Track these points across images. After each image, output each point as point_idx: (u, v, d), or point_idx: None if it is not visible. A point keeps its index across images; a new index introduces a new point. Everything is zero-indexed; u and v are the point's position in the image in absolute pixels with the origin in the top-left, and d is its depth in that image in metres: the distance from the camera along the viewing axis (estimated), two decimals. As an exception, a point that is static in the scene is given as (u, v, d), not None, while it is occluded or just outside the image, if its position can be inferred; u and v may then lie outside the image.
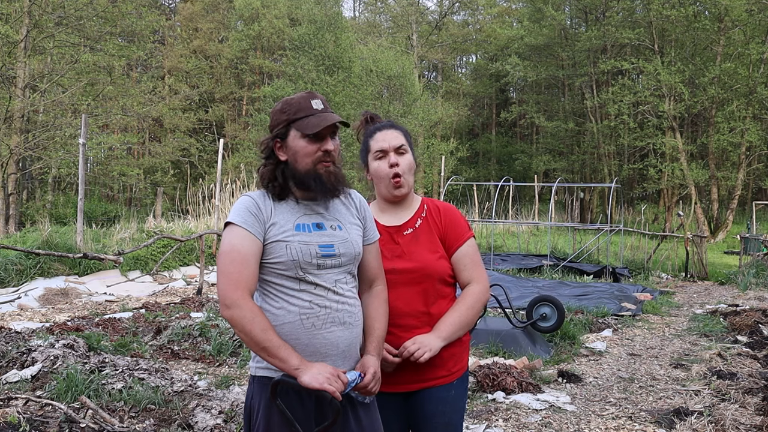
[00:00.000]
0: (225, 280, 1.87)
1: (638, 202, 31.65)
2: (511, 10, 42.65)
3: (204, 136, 33.67)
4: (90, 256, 8.31)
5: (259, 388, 1.95)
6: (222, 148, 14.13)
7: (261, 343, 1.83)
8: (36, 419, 3.72)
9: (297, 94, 2.02)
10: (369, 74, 26.71)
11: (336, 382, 1.82)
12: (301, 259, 1.92)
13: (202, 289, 9.38)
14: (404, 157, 2.21)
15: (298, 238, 1.94)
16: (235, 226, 1.92)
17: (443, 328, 2.15)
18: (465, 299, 2.21)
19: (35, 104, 18.67)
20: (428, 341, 2.10)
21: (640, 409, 4.70)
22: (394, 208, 2.29)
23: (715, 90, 25.74)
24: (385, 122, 2.29)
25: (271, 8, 32.75)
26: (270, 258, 1.93)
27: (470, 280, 2.25)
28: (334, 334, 1.95)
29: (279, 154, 1.99)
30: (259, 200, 1.97)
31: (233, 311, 1.84)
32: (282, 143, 1.99)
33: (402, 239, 2.23)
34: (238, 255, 1.88)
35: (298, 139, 1.96)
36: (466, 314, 2.19)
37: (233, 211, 1.95)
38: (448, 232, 2.26)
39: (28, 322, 7.07)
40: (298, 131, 1.95)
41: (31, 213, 21.03)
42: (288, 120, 1.97)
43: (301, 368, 1.82)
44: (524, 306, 7.15)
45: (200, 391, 4.36)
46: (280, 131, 1.98)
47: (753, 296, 10.74)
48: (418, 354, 2.08)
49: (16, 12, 18.29)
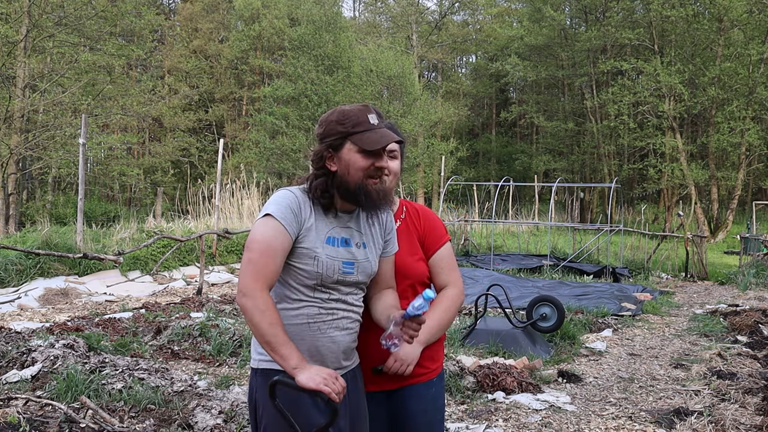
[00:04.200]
0: (249, 269, 1.90)
1: (638, 202, 31.64)
2: (510, 10, 42.63)
3: (204, 136, 33.65)
4: (90, 256, 8.30)
5: (262, 380, 1.98)
6: (222, 148, 14.13)
7: (266, 337, 1.87)
8: (36, 419, 3.72)
9: (353, 106, 2.02)
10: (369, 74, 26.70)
11: (333, 384, 1.83)
12: (325, 273, 1.96)
13: (202, 289, 9.38)
14: (394, 162, 2.23)
15: (327, 252, 1.97)
16: (273, 219, 1.92)
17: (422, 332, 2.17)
18: (442, 303, 2.27)
19: (35, 104, 18.65)
20: (408, 354, 2.17)
21: (640, 409, 4.70)
22: None
23: (715, 90, 25.73)
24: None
25: (271, 8, 32.72)
26: (296, 262, 1.96)
27: (447, 283, 2.30)
28: (336, 337, 2.01)
29: (329, 164, 1.99)
30: (301, 200, 1.98)
31: (247, 300, 1.87)
32: (334, 154, 1.98)
33: None
34: (268, 248, 1.90)
35: (353, 153, 1.96)
36: (443, 317, 2.25)
37: (275, 203, 1.96)
38: (427, 235, 2.31)
39: (28, 322, 7.07)
40: (354, 145, 1.95)
41: (31, 213, 21.01)
42: (346, 133, 1.95)
43: (299, 368, 1.84)
44: (524, 306, 7.15)
45: (200, 391, 4.35)
46: (334, 142, 1.97)
47: (753, 296, 10.74)
48: (402, 369, 2.16)
49: (16, 12, 18.28)
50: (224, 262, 12.72)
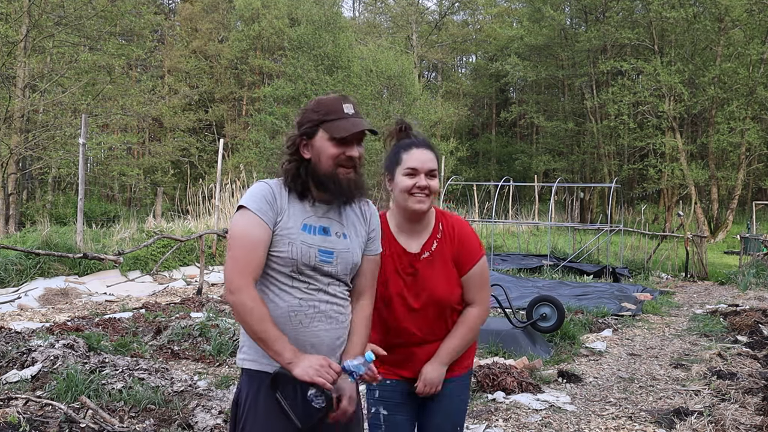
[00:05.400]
0: (233, 265, 1.90)
1: (638, 202, 31.63)
2: (510, 10, 42.62)
3: (204, 136, 33.63)
4: (90, 256, 8.30)
5: (247, 379, 1.98)
6: (222, 148, 14.13)
7: (257, 333, 1.87)
8: (36, 419, 3.72)
9: (330, 96, 2.02)
10: (369, 74, 26.70)
11: (327, 373, 1.84)
12: (300, 259, 1.95)
13: (202, 289, 9.38)
14: (434, 182, 2.24)
15: (302, 239, 1.96)
16: (249, 212, 1.93)
17: (444, 354, 2.29)
18: (467, 321, 2.32)
19: (35, 104, 18.64)
20: (432, 377, 2.28)
21: (640, 409, 4.70)
22: (411, 226, 2.32)
23: (715, 90, 25.72)
24: (422, 140, 2.30)
25: (271, 8, 32.71)
26: (272, 250, 1.95)
27: (473, 301, 2.33)
28: (320, 330, 1.98)
29: (303, 151, 2.00)
30: (276, 190, 1.98)
31: (236, 297, 1.87)
32: (308, 142, 1.99)
33: (419, 264, 2.29)
34: (248, 241, 1.90)
35: (324, 141, 1.96)
36: (466, 337, 2.32)
37: (249, 196, 1.96)
38: (461, 253, 2.31)
39: (28, 322, 7.06)
40: (326, 132, 1.96)
41: (31, 213, 21.01)
42: (318, 120, 1.97)
43: (294, 361, 1.85)
44: (524, 306, 7.15)
45: (200, 391, 4.36)
46: (308, 129, 1.98)
47: (753, 296, 10.75)
48: (430, 392, 2.29)
49: (16, 12, 18.27)
50: (224, 262, 12.71)
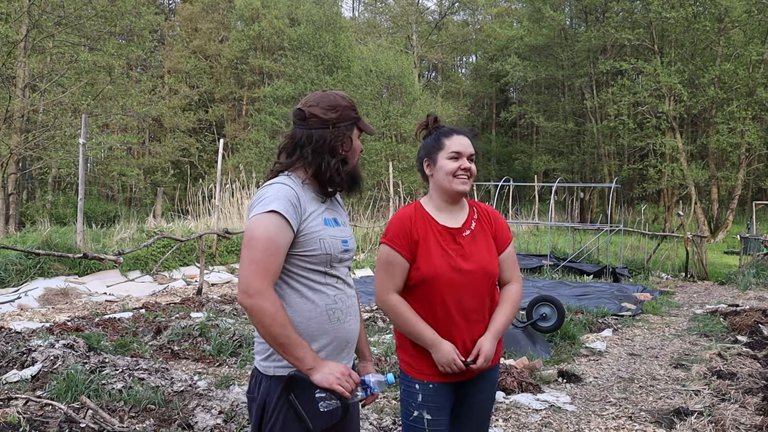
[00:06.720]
0: (253, 268, 1.82)
1: (638, 202, 31.63)
2: (510, 10, 42.63)
3: (204, 136, 33.64)
4: (90, 256, 8.30)
5: (276, 386, 1.94)
6: (222, 148, 14.13)
7: (278, 339, 1.82)
8: (36, 419, 3.72)
9: (340, 92, 2.07)
10: (368, 74, 26.72)
11: (346, 382, 1.85)
12: (333, 253, 1.97)
13: (202, 289, 9.38)
14: (473, 165, 2.43)
15: (328, 233, 1.98)
16: (277, 215, 1.87)
17: (497, 328, 2.42)
18: (510, 298, 2.47)
19: (35, 104, 18.65)
20: (490, 351, 2.37)
21: (640, 409, 4.70)
22: (450, 207, 2.45)
23: (715, 91, 25.72)
24: (463, 128, 2.49)
25: (271, 8, 32.72)
26: (302, 251, 1.93)
27: (511, 279, 2.50)
28: (352, 326, 2.04)
29: (341, 149, 2.03)
30: (298, 191, 1.96)
31: (255, 300, 1.81)
32: (344, 139, 2.04)
33: (463, 240, 2.41)
34: (273, 245, 1.85)
35: (356, 138, 2.05)
36: (512, 312, 2.47)
37: (275, 198, 1.89)
38: (498, 234, 2.49)
39: (28, 322, 7.07)
40: (359, 130, 2.05)
41: (31, 213, 21.02)
42: (357, 118, 2.04)
43: (315, 367, 1.84)
44: (524, 306, 7.15)
45: (200, 391, 4.35)
46: (348, 127, 2.03)
47: (753, 296, 10.74)
48: (487, 365, 2.38)
49: (16, 12, 18.27)
50: (224, 262, 12.72)
